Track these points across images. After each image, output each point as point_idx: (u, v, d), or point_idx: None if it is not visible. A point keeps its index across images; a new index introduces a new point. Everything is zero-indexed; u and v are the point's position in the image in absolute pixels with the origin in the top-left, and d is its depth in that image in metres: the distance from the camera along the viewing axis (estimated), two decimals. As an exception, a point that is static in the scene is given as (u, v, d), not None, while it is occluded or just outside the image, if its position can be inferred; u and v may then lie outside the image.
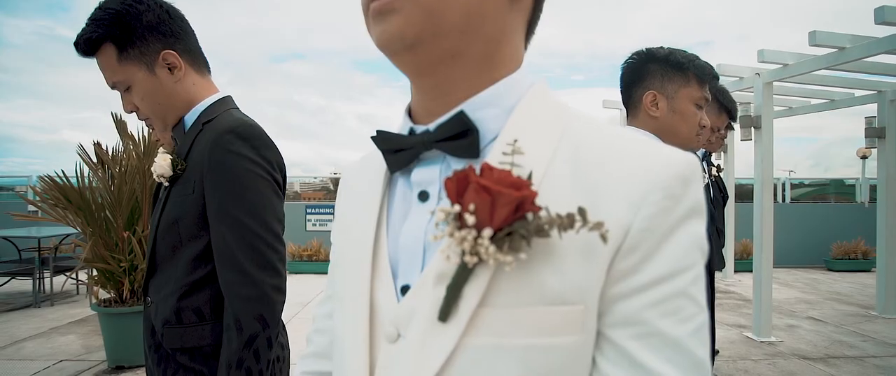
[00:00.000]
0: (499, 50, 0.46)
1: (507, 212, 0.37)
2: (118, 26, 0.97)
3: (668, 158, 0.41)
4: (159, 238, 1.02)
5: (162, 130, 1.11)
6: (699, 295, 0.40)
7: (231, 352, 0.93)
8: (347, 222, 0.54)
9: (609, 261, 0.39)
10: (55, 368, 3.36)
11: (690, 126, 1.25)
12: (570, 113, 0.47)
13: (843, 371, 3.37)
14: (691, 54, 1.25)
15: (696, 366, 0.38)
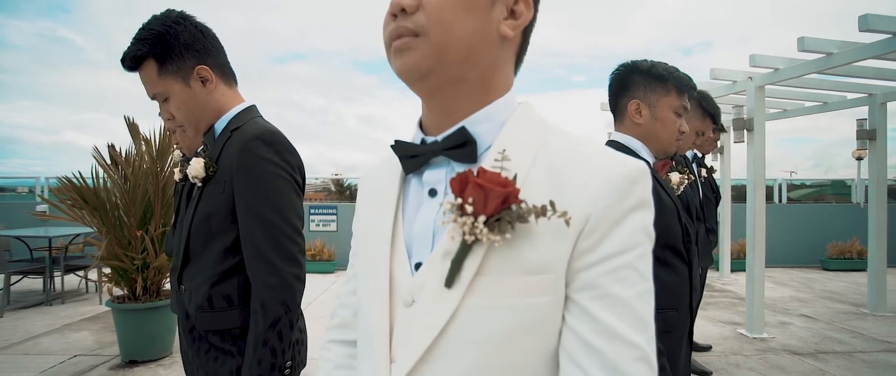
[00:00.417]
0: (492, 78, 0.58)
1: (497, 203, 0.50)
2: (159, 45, 1.10)
3: (620, 164, 0.53)
4: (193, 232, 1.15)
5: (194, 136, 1.24)
6: (644, 268, 0.53)
7: (258, 333, 1.05)
8: (368, 214, 0.66)
9: (574, 240, 0.51)
10: (70, 362, 3.49)
11: (670, 132, 1.37)
12: (548, 128, 0.59)
13: (831, 365, 3.49)
14: (672, 67, 1.37)
15: (638, 320, 0.50)
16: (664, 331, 1.29)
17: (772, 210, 8.67)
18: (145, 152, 3.47)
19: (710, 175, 3.55)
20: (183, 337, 1.20)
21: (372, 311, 0.59)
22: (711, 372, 3.32)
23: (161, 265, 3.53)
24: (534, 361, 0.53)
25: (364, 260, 0.64)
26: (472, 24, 0.54)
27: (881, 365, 3.49)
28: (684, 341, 1.38)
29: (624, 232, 0.51)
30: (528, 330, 0.52)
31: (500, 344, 0.52)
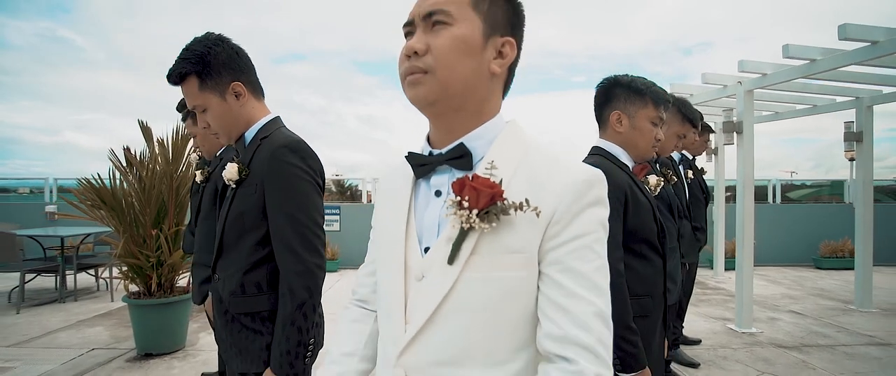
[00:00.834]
0: (485, 105, 0.75)
1: (486, 200, 0.66)
2: (201, 64, 1.27)
3: (581, 172, 0.70)
4: (227, 228, 1.32)
5: (226, 142, 1.41)
6: (599, 249, 0.69)
7: (286, 314, 1.22)
8: (385, 209, 0.83)
9: (544, 228, 0.68)
10: (89, 355, 3.66)
11: (647, 140, 1.54)
12: (528, 143, 0.76)
13: (813, 357, 3.66)
14: (649, 82, 1.54)
15: (595, 287, 0.67)
16: (640, 316, 1.47)
17: (766, 210, 8.84)
18: (159, 154, 3.63)
19: (700, 176, 3.73)
20: (218, 318, 1.37)
21: (391, 286, 0.76)
22: (699, 364, 3.48)
23: (174, 262, 3.69)
24: (514, 321, 0.70)
25: (383, 246, 0.81)
26: (469, 65, 0.71)
27: (862, 358, 3.66)
28: (658, 325, 1.55)
29: (582, 221, 0.68)
30: (510, 296, 0.69)
31: (489, 307, 0.69)
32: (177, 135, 3.71)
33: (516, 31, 0.77)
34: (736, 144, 4.52)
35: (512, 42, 0.76)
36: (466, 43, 0.71)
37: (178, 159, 3.60)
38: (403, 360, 0.72)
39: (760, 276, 7.12)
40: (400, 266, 0.75)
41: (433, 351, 0.71)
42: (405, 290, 0.74)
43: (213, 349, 3.80)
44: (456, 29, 0.70)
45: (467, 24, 0.71)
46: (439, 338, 0.70)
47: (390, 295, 0.76)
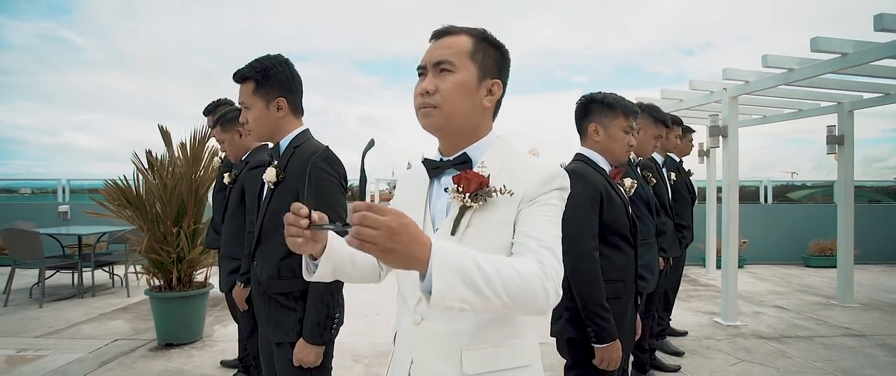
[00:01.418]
0: (479, 128, 1.01)
1: (475, 185, 0.92)
2: (261, 74, 1.55)
3: (547, 169, 0.96)
4: (266, 222, 1.58)
5: (254, 141, 1.68)
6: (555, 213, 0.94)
7: (317, 294, 1.48)
8: (406, 200, 1.08)
9: (518, 204, 0.93)
10: (113, 345, 3.91)
11: (622, 146, 1.80)
12: (512, 151, 1.01)
13: (791, 347, 3.91)
14: (619, 96, 1.80)
15: (548, 235, 0.90)
16: (613, 297, 1.72)
17: (758, 210, 9.09)
18: (180, 157, 3.89)
19: (686, 177, 3.98)
20: (257, 298, 1.63)
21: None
22: (683, 353, 3.74)
23: (193, 258, 3.95)
24: None
25: None
26: (467, 102, 0.97)
27: (836, 347, 3.91)
28: (630, 306, 1.80)
29: (545, 197, 0.94)
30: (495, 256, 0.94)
31: None
32: (195, 139, 3.96)
33: (502, 73, 1.03)
34: (721, 147, 4.77)
35: (499, 83, 1.02)
36: (465, 86, 0.96)
37: (198, 162, 3.85)
38: (419, 308, 0.98)
39: (750, 274, 7.38)
40: None
41: None
42: None
43: (228, 340, 4.05)
44: (457, 76, 0.96)
45: (466, 71, 0.97)
46: None
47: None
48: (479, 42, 1.00)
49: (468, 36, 0.99)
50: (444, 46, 0.98)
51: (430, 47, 1.02)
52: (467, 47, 0.98)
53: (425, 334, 0.98)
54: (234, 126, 2.51)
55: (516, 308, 0.80)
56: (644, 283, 2.35)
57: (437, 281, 0.73)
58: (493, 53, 1.01)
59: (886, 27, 3.05)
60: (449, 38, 0.99)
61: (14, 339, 4.03)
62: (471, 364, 0.94)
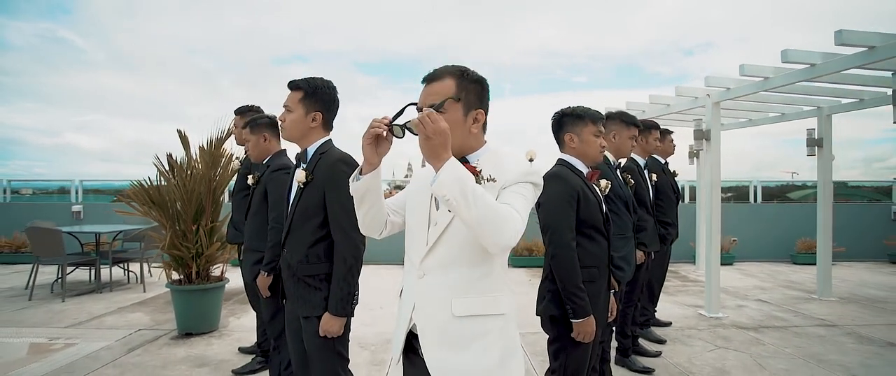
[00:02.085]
0: (472, 145, 1.31)
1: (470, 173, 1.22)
2: (312, 88, 1.87)
3: (526, 166, 1.25)
4: (296, 215, 1.88)
5: (286, 137, 1.97)
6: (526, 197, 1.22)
7: (340, 274, 1.78)
8: (418, 189, 1.37)
9: (499, 190, 1.22)
10: (137, 335, 4.21)
11: (594, 149, 2.10)
12: (500, 156, 1.31)
13: (766, 336, 4.21)
14: (586, 107, 2.10)
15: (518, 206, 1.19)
16: (588, 280, 2.02)
17: (747, 209, 9.40)
18: (199, 160, 4.18)
19: (671, 177, 4.27)
20: (287, 280, 1.93)
21: (418, 226, 1.32)
22: (665, 341, 4.03)
23: (211, 254, 4.25)
24: (490, 255, 1.25)
25: (416, 207, 1.35)
26: (457, 134, 1.25)
27: (807, 336, 4.21)
28: (603, 288, 2.10)
29: (519, 185, 1.23)
30: None
31: (468, 235, 1.21)
32: (211, 144, 4.26)
33: (483, 102, 1.32)
34: (704, 150, 5.07)
35: (481, 111, 1.31)
36: (454, 124, 1.25)
37: (217, 164, 4.15)
38: (423, 264, 1.28)
39: (739, 271, 7.68)
40: (425, 217, 1.31)
41: (438, 258, 1.26)
42: (427, 228, 1.29)
43: (243, 330, 4.35)
44: (447, 116, 1.24)
45: (453, 112, 1.26)
46: (441, 251, 1.26)
47: (418, 230, 1.32)
48: (461, 82, 1.28)
49: (451, 78, 1.28)
50: (432, 93, 1.27)
51: (422, 91, 1.31)
52: (452, 90, 1.27)
53: (425, 286, 1.28)
54: (261, 130, 2.81)
55: (483, 226, 1.09)
56: (621, 273, 2.65)
57: (442, 174, 1.07)
58: (474, 88, 1.30)
59: (845, 42, 3.35)
60: (436, 83, 1.28)
61: (44, 329, 4.33)
62: (458, 308, 1.24)
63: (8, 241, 8.08)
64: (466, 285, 1.25)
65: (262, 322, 3.49)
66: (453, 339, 1.25)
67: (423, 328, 1.28)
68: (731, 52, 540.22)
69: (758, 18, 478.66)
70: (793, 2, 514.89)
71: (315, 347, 1.85)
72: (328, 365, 1.85)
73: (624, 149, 2.90)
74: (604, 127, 2.14)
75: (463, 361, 1.23)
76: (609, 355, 3.06)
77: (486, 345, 1.24)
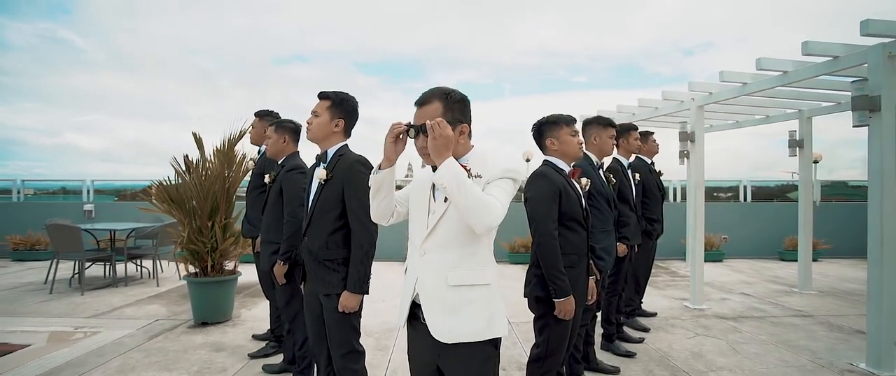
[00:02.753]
0: (460, 150, 1.60)
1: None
2: (339, 100, 2.20)
3: (505, 165, 1.55)
4: (317, 208, 2.17)
5: (310, 139, 2.26)
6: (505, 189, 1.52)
7: (357, 258, 2.08)
8: (417, 184, 1.67)
9: (484, 184, 1.52)
10: (156, 324, 4.50)
11: (573, 147, 2.39)
12: (485, 157, 1.60)
13: (744, 325, 4.51)
14: (559, 113, 2.40)
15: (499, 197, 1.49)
16: (569, 266, 2.31)
17: (737, 208, 9.69)
18: (215, 159, 4.47)
19: (657, 176, 4.56)
20: (309, 263, 2.22)
21: (419, 214, 1.61)
22: (649, 329, 4.33)
23: (225, 248, 4.54)
24: (480, 236, 1.54)
25: (417, 199, 1.65)
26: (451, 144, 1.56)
27: (783, 325, 4.51)
28: (583, 273, 2.39)
29: (501, 180, 1.52)
30: None
31: (461, 220, 1.51)
32: (225, 145, 4.55)
33: (466, 116, 1.61)
34: (689, 151, 5.37)
35: (466, 125, 1.60)
36: None
37: (232, 166, 4.44)
38: (424, 245, 1.58)
39: (728, 267, 7.97)
40: (425, 207, 1.60)
41: (436, 240, 1.56)
42: (427, 216, 1.59)
43: (254, 320, 4.65)
44: None
45: None
46: (438, 234, 1.56)
47: (419, 218, 1.62)
48: (447, 103, 1.57)
49: (438, 101, 1.57)
50: (424, 115, 1.55)
51: (415, 114, 1.59)
52: (439, 112, 1.55)
53: (425, 262, 1.58)
54: (284, 132, 3.11)
55: (471, 210, 1.39)
56: (602, 263, 2.95)
57: (442, 168, 1.39)
58: (458, 106, 1.59)
59: (811, 51, 3.65)
60: (426, 107, 1.57)
61: (68, 319, 4.62)
62: (452, 279, 1.54)
63: (22, 239, 8.37)
64: (458, 261, 1.55)
65: (275, 310, 3.79)
66: (448, 305, 1.54)
67: (424, 296, 1.57)
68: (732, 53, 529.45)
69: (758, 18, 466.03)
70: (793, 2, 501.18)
71: (334, 321, 2.15)
72: (345, 336, 2.14)
73: (606, 149, 3.18)
74: (580, 129, 2.43)
75: (457, 323, 1.53)
76: (593, 339, 3.36)
77: (475, 310, 1.54)
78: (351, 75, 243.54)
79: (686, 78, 13.65)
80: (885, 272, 3.31)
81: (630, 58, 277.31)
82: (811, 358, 3.61)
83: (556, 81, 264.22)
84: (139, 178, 9.76)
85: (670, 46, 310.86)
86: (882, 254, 3.32)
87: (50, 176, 26.05)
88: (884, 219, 3.32)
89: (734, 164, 48.38)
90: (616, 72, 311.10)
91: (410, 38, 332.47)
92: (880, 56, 3.29)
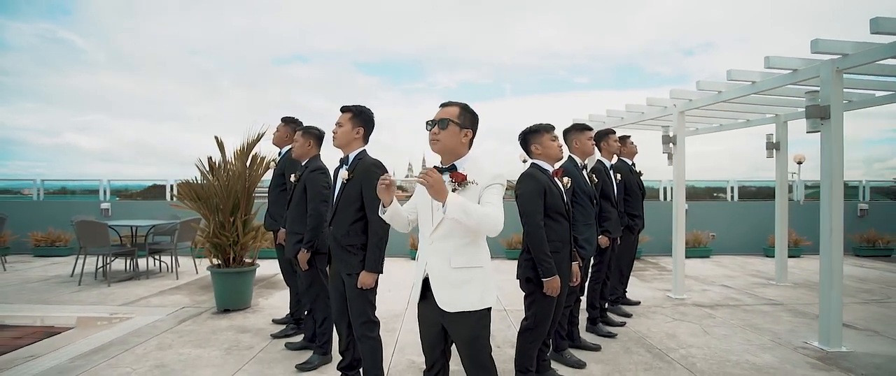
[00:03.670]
0: (460, 150, 2.05)
1: (460, 179, 1.96)
2: (360, 112, 2.64)
3: (493, 173, 1.99)
4: (341, 203, 2.61)
5: (336, 145, 2.70)
6: (498, 193, 1.97)
7: (373, 243, 2.52)
8: (420, 192, 2.12)
9: (480, 190, 1.97)
10: (182, 311, 4.93)
11: (554, 150, 2.83)
12: (477, 163, 2.05)
13: (718, 312, 4.95)
14: (540, 123, 2.84)
15: (493, 203, 1.94)
16: (554, 252, 2.75)
17: (724, 207, 10.15)
18: (235, 161, 4.91)
19: (638, 176, 5.01)
20: (334, 248, 2.66)
21: (426, 214, 2.05)
22: (631, 315, 4.77)
23: (245, 242, 4.97)
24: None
25: (423, 202, 2.09)
26: (455, 139, 2.00)
27: (753, 312, 4.95)
28: (566, 259, 2.82)
29: (493, 186, 1.97)
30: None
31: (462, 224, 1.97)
32: (245, 149, 4.98)
33: (473, 126, 2.06)
34: (672, 153, 5.82)
35: (469, 132, 2.05)
36: (453, 133, 1.99)
37: (253, 167, 4.88)
38: (432, 236, 2.01)
39: (715, 263, 8.41)
40: (429, 210, 2.04)
41: (440, 233, 1.99)
42: (432, 216, 2.03)
43: (272, 308, 5.08)
44: (450, 128, 1.99)
45: (453, 126, 1.99)
46: (443, 229, 1.98)
47: (426, 216, 2.05)
48: (463, 111, 2.04)
49: (458, 107, 2.04)
50: (445, 113, 2.02)
51: (438, 111, 2.05)
52: (457, 113, 2.02)
53: (433, 249, 2.01)
54: (310, 137, 3.54)
55: (479, 226, 1.85)
56: (584, 251, 3.39)
57: (448, 206, 1.79)
58: (470, 116, 2.05)
59: (772, 65, 4.09)
60: (449, 108, 2.04)
61: (101, 307, 5.05)
62: (454, 262, 1.97)
63: (44, 236, 8.80)
64: (459, 248, 1.99)
65: (295, 295, 4.22)
66: (451, 281, 1.99)
67: (432, 274, 2.01)
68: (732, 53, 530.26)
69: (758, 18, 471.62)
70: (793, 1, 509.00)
71: (354, 296, 2.59)
72: (363, 308, 2.58)
73: (587, 150, 3.62)
74: (560, 135, 2.88)
75: (458, 296, 1.98)
76: (577, 321, 3.79)
77: (472, 286, 1.99)
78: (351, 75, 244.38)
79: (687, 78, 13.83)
80: (833, 261, 3.75)
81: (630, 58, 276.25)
82: (772, 338, 4.06)
83: (557, 81, 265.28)
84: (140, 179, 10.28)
85: (670, 46, 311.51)
86: (831, 244, 3.76)
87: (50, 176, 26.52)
88: (832, 214, 3.76)
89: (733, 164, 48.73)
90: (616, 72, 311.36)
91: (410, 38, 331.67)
92: (830, 71, 3.73)
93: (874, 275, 7.18)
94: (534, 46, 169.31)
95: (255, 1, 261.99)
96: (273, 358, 3.57)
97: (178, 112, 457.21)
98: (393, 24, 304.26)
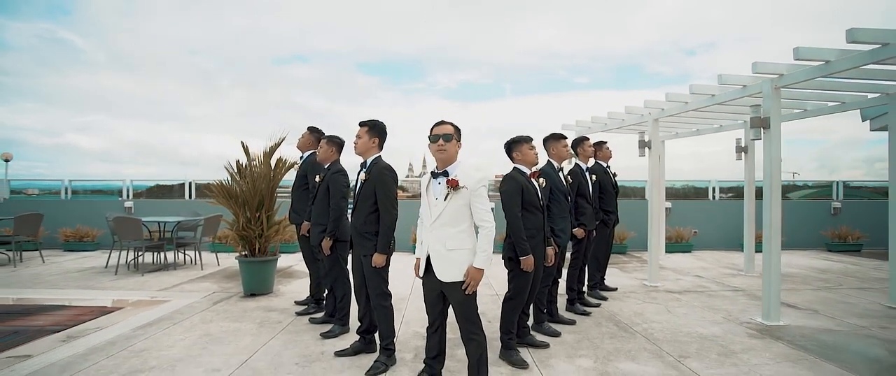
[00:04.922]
0: (455, 159, 2.73)
1: (454, 184, 2.65)
2: (375, 125, 3.34)
3: (478, 177, 2.68)
4: (360, 199, 3.30)
5: (357, 153, 3.38)
6: (484, 199, 2.67)
7: (383, 230, 3.21)
8: (424, 190, 2.80)
9: (469, 195, 2.66)
10: (213, 295, 5.61)
11: (530, 157, 3.52)
12: (464, 168, 2.74)
13: (685, 296, 5.62)
14: (520, 135, 3.53)
15: (484, 209, 2.64)
16: (530, 237, 3.43)
17: (706, 206, 10.82)
18: (262, 162, 5.59)
19: (612, 177, 5.68)
20: (354, 235, 3.34)
21: (428, 209, 2.74)
22: (607, 298, 5.44)
23: (268, 235, 5.66)
24: (462, 216, 2.66)
25: (424, 198, 2.77)
26: (454, 150, 2.69)
27: (717, 296, 5.62)
28: (540, 245, 3.50)
29: (479, 188, 2.66)
30: (461, 210, 2.65)
31: (454, 213, 2.65)
32: (268, 152, 5.66)
33: (459, 140, 2.75)
34: (647, 156, 6.49)
35: (460, 143, 2.75)
36: (453, 145, 2.69)
37: (276, 168, 5.57)
38: (432, 225, 2.70)
39: (696, 257, 9.06)
40: (430, 202, 2.72)
41: (439, 223, 2.68)
42: (430, 209, 2.71)
43: (292, 293, 5.76)
44: (451, 142, 2.68)
45: (452, 140, 2.69)
46: (441, 219, 2.66)
47: (427, 210, 2.74)
48: (455, 128, 2.72)
49: (451, 125, 2.72)
50: (445, 129, 2.71)
51: (437, 129, 2.73)
52: (452, 130, 2.71)
53: (433, 235, 2.70)
54: (332, 145, 4.23)
55: (492, 239, 2.61)
56: (559, 239, 4.08)
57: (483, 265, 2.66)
58: (459, 131, 2.74)
59: (725, 82, 4.77)
60: (445, 126, 2.72)
61: (142, 292, 5.74)
62: (448, 245, 2.66)
63: (72, 231, 9.49)
64: (452, 234, 2.68)
65: (315, 279, 4.90)
66: (446, 259, 2.68)
67: (432, 253, 2.71)
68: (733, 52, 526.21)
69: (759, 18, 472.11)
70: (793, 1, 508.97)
71: (371, 273, 3.27)
72: (377, 282, 3.27)
73: (563, 154, 4.30)
74: (539, 144, 3.56)
75: (452, 270, 2.67)
76: (556, 299, 4.47)
77: (462, 263, 2.67)
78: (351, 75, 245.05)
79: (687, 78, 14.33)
80: (772, 251, 4.43)
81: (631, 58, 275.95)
82: (724, 316, 4.73)
83: (557, 81, 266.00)
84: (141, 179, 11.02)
85: (671, 46, 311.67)
86: (770, 237, 4.44)
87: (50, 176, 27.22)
88: (772, 212, 4.43)
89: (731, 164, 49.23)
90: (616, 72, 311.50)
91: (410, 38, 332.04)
92: (770, 87, 4.41)
93: (837, 267, 7.85)
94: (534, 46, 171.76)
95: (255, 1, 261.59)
96: (300, 329, 4.25)
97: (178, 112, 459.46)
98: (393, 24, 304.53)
